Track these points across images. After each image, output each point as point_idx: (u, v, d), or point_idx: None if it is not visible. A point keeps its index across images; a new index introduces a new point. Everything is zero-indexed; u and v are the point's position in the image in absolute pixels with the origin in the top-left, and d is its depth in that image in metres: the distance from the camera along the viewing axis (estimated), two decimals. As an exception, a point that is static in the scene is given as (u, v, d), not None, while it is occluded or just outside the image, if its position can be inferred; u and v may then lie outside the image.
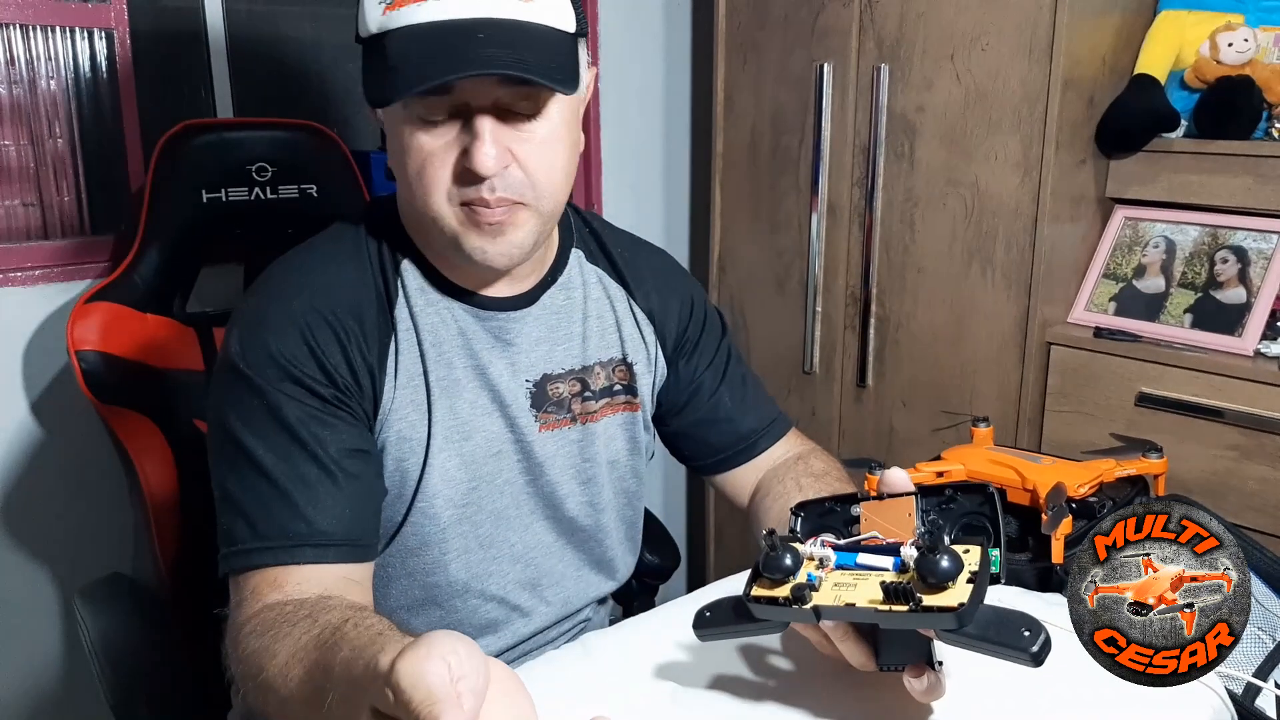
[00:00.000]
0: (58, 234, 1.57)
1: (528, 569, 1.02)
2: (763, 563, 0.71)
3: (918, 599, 0.64)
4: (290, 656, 0.73)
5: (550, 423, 1.01)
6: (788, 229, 2.02)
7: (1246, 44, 1.67)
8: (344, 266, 0.94)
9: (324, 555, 0.85)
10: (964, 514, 0.78)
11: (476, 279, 0.97)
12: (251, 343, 0.88)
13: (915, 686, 0.71)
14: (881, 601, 0.66)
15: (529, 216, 0.90)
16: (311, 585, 0.83)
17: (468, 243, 0.89)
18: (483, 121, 0.85)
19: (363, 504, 0.89)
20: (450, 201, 0.88)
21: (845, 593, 0.68)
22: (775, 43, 1.98)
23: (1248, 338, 1.59)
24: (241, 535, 0.84)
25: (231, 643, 0.82)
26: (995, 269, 1.75)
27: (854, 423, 2.00)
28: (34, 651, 1.61)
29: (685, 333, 1.13)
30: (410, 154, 0.87)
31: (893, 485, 0.81)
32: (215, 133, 1.49)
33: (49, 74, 1.54)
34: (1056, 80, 1.63)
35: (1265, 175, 1.60)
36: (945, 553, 0.65)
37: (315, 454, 0.86)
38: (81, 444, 1.55)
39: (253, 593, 0.83)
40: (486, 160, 0.84)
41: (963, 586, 0.65)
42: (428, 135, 0.86)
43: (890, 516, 0.79)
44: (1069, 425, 1.72)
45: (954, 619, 0.63)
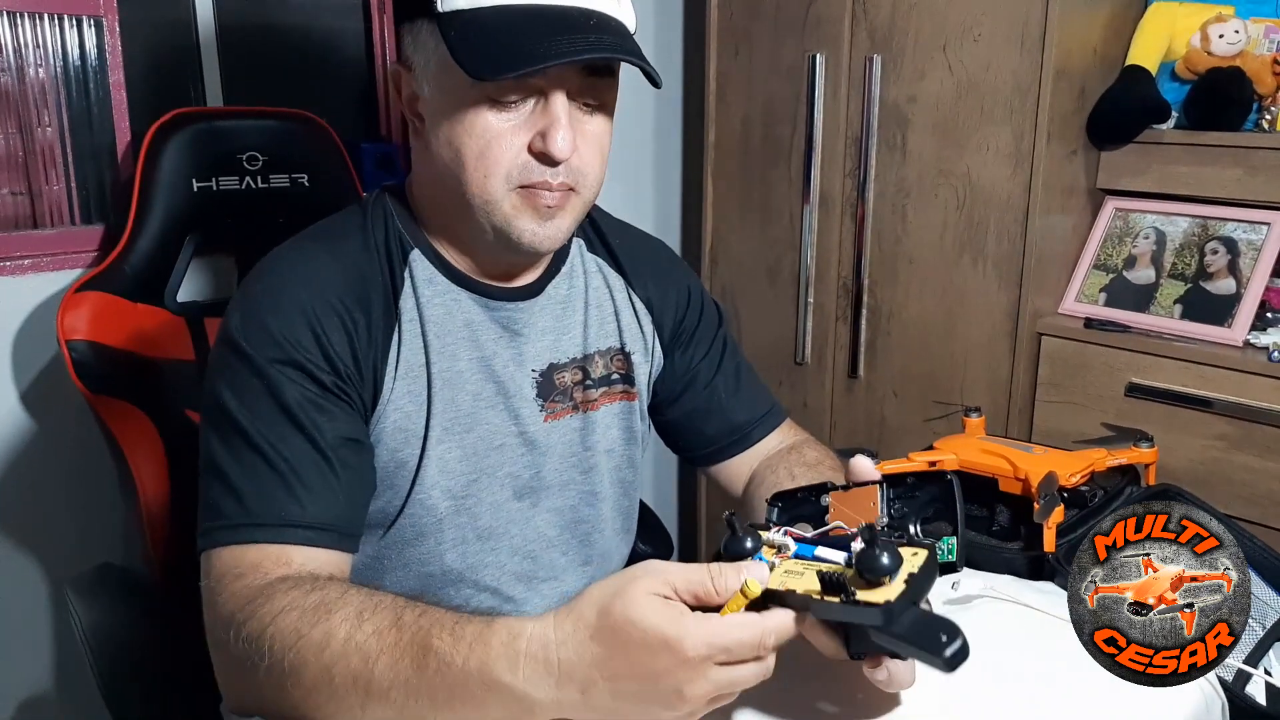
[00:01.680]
0: (47, 223, 1.56)
1: (524, 560, 1.02)
2: (724, 545, 0.73)
3: (850, 592, 0.65)
4: (359, 620, 0.73)
5: (555, 412, 1.01)
6: (779, 220, 2.02)
7: (1237, 35, 1.67)
8: (350, 256, 0.93)
9: (316, 539, 0.84)
10: (928, 502, 0.79)
11: (495, 269, 0.97)
12: (254, 323, 0.87)
13: (874, 676, 0.72)
14: (818, 591, 0.67)
15: (577, 204, 0.92)
16: (311, 567, 0.82)
17: (518, 224, 0.89)
18: (562, 106, 0.86)
19: (354, 494, 0.89)
20: (508, 184, 0.88)
21: (790, 579, 0.69)
22: (767, 33, 1.97)
23: (1237, 328, 1.59)
24: (230, 511, 0.83)
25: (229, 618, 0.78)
26: (986, 260, 1.76)
27: (846, 413, 2.00)
28: (25, 641, 1.60)
29: (682, 322, 1.13)
30: (474, 134, 0.87)
31: (859, 474, 0.83)
32: (206, 121, 1.48)
33: (37, 62, 1.53)
34: (1048, 71, 1.63)
35: (1255, 166, 1.61)
36: (886, 549, 0.65)
37: (313, 438, 0.85)
38: (72, 434, 1.54)
39: (253, 568, 0.80)
40: (565, 145, 0.86)
41: (897, 585, 0.65)
42: (497, 115, 0.86)
43: (856, 506, 0.80)
44: (1059, 415, 1.73)
45: (880, 614, 0.64)
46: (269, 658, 0.74)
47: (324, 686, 0.73)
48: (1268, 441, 1.52)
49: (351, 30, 1.98)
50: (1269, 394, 1.51)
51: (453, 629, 0.71)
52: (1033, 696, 0.78)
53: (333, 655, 0.72)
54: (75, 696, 1.63)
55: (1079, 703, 0.77)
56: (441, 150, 0.89)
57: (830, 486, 0.82)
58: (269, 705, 0.78)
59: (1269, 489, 1.53)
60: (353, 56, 1.98)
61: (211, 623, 0.82)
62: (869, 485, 0.81)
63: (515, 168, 0.87)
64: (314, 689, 0.73)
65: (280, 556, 0.82)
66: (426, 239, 0.97)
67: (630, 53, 0.85)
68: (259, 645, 0.75)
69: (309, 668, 0.73)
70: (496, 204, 0.89)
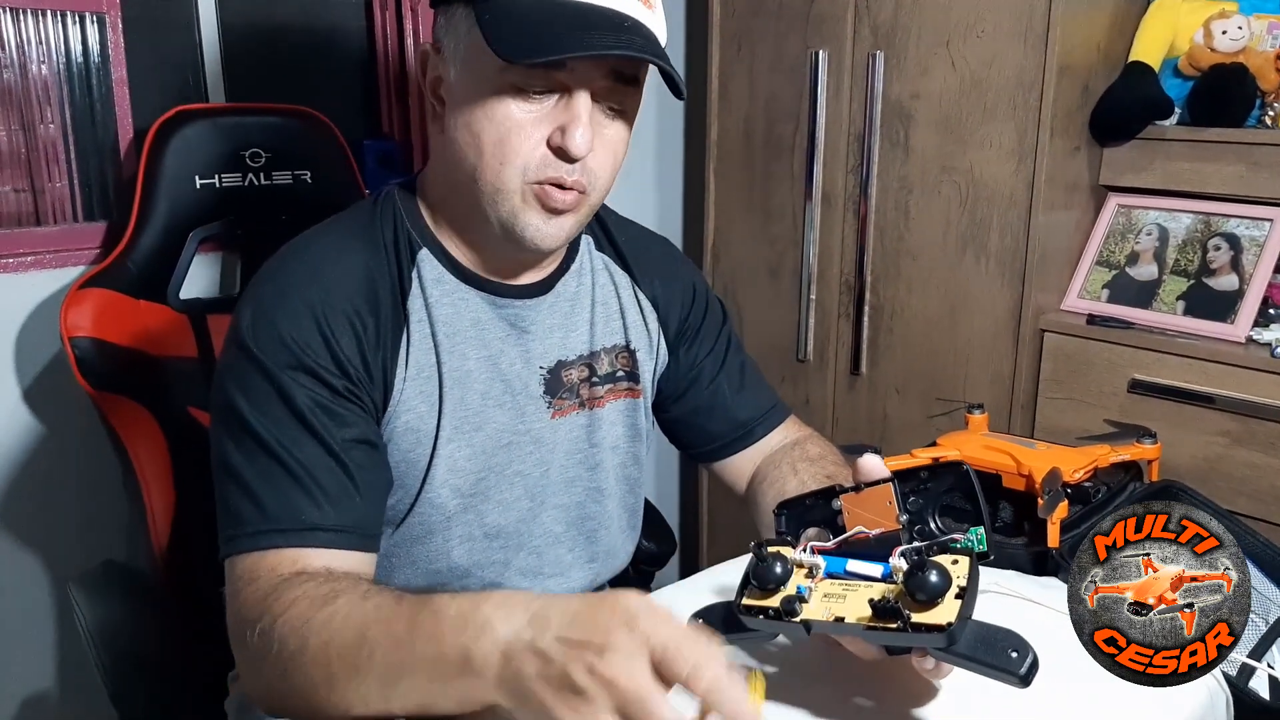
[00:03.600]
0: (50, 220, 1.56)
1: (531, 557, 1.02)
2: (753, 572, 0.71)
3: (906, 616, 0.64)
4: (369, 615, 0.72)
5: (563, 409, 1.01)
6: (782, 217, 2.02)
7: (1240, 31, 1.67)
8: (360, 256, 0.93)
9: (337, 541, 0.84)
10: (942, 492, 0.78)
11: (502, 267, 0.97)
12: (264, 325, 0.87)
13: (922, 666, 0.71)
14: (871, 618, 0.66)
15: (586, 206, 0.91)
16: (331, 567, 0.82)
17: (524, 219, 0.89)
18: (585, 104, 0.86)
19: (371, 496, 0.89)
20: (522, 176, 0.87)
21: (835, 605, 0.68)
22: (770, 30, 1.97)
23: (1240, 325, 1.59)
24: (251, 517, 0.83)
25: (248, 618, 0.79)
26: (989, 256, 1.76)
27: (848, 410, 2.00)
28: (29, 639, 1.60)
29: (687, 320, 1.13)
30: (495, 120, 0.86)
31: (869, 474, 0.81)
32: (209, 118, 1.48)
33: (40, 58, 1.53)
34: (1052, 67, 1.63)
35: (1258, 163, 1.61)
36: (934, 568, 0.64)
37: (325, 443, 0.85)
38: (75, 431, 1.54)
39: (271, 571, 0.81)
40: (584, 142, 0.86)
41: (951, 603, 0.64)
42: (519, 105, 0.86)
43: (871, 506, 0.79)
44: (1062, 412, 1.73)
45: (944, 638, 0.63)
46: (278, 648, 0.75)
47: (320, 663, 0.73)
48: (1270, 437, 1.52)
49: (354, 27, 1.98)
50: (1272, 390, 1.51)
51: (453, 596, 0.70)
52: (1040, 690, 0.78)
53: (332, 631, 0.73)
54: (79, 694, 1.63)
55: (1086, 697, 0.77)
56: (460, 135, 0.89)
57: (839, 489, 0.81)
58: (276, 696, 0.78)
59: (1271, 485, 1.53)
60: (355, 54, 1.98)
61: (233, 624, 0.82)
62: (880, 484, 0.79)
63: (532, 160, 0.87)
64: (312, 665, 0.73)
65: (299, 559, 0.82)
66: (435, 237, 0.96)
67: (659, 57, 0.85)
68: (270, 639, 0.75)
69: (309, 648, 0.73)
70: (507, 195, 0.88)
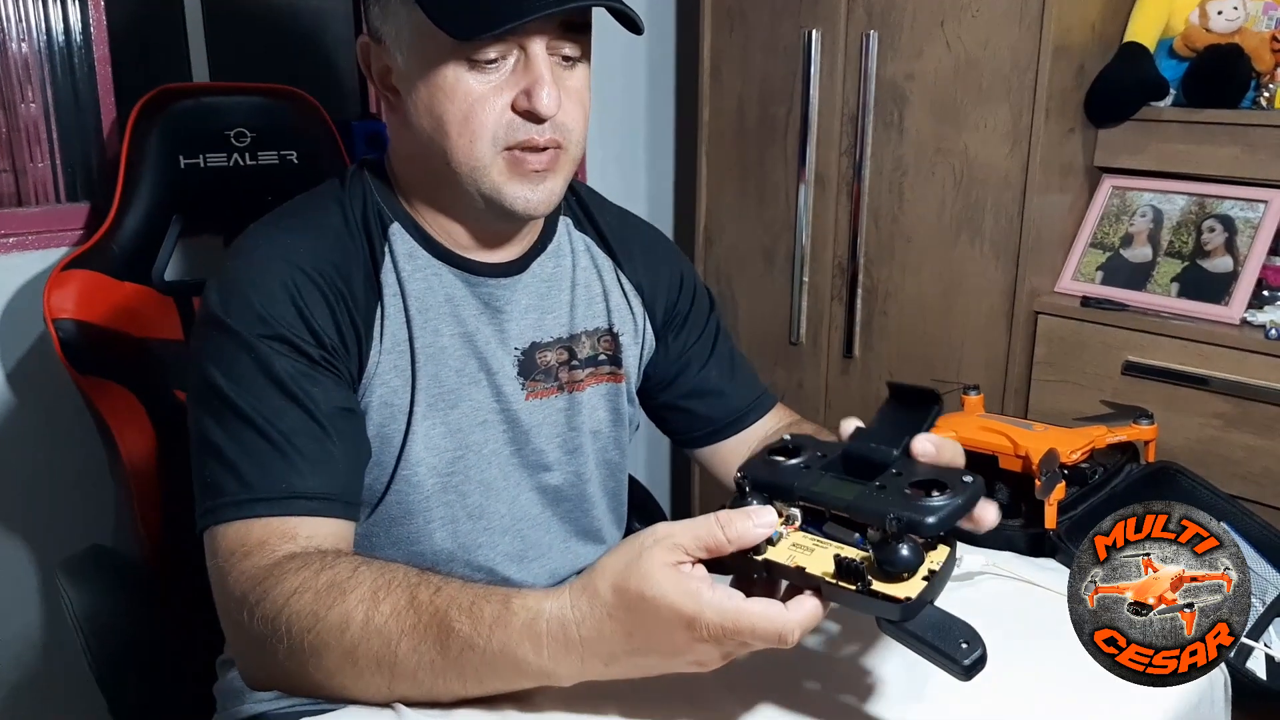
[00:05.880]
0: (32, 201, 1.54)
1: (515, 540, 1.01)
2: (730, 506, 0.71)
3: (868, 581, 0.64)
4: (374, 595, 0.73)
5: (538, 391, 1.00)
6: (775, 200, 2.01)
7: (1236, 12, 1.66)
8: (329, 230, 0.92)
9: (320, 510, 0.83)
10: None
11: (483, 239, 0.96)
12: (236, 299, 0.86)
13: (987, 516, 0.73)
14: (832, 574, 0.66)
15: (566, 161, 0.91)
16: (317, 540, 0.81)
17: (510, 191, 0.88)
18: (544, 61, 0.85)
19: (352, 463, 0.88)
20: (495, 146, 0.86)
21: (800, 555, 0.68)
22: (763, 10, 1.95)
23: (1234, 306, 1.59)
24: (231, 487, 0.81)
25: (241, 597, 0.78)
26: (984, 239, 1.75)
27: (841, 394, 1.99)
28: (15, 624, 1.59)
29: (675, 307, 1.12)
30: (456, 99, 0.85)
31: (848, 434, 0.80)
32: (193, 98, 1.45)
33: (20, 37, 1.50)
34: (1047, 48, 1.62)
35: (1253, 144, 1.60)
36: (907, 543, 0.64)
37: (307, 409, 0.84)
38: (59, 414, 1.52)
39: (259, 545, 0.79)
40: (551, 101, 0.85)
41: (917, 582, 0.64)
42: (477, 78, 0.85)
43: None
44: (1056, 394, 1.72)
45: (898, 610, 0.63)
46: (288, 640, 0.74)
47: (348, 668, 0.74)
48: (1265, 419, 1.52)
49: (340, 7, 1.96)
50: (1266, 372, 1.51)
51: (469, 610, 0.71)
52: (1037, 671, 0.78)
53: (353, 639, 0.73)
54: (66, 679, 1.62)
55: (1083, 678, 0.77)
56: (422, 120, 0.88)
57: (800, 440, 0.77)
58: (292, 682, 0.78)
59: (1266, 466, 1.53)
60: (341, 33, 1.96)
61: (223, 602, 0.81)
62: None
63: (501, 128, 0.86)
64: (338, 670, 0.74)
65: (285, 530, 0.81)
66: (407, 212, 0.95)
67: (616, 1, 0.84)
68: (275, 627, 0.75)
69: (331, 651, 0.73)
70: (484, 169, 0.87)
